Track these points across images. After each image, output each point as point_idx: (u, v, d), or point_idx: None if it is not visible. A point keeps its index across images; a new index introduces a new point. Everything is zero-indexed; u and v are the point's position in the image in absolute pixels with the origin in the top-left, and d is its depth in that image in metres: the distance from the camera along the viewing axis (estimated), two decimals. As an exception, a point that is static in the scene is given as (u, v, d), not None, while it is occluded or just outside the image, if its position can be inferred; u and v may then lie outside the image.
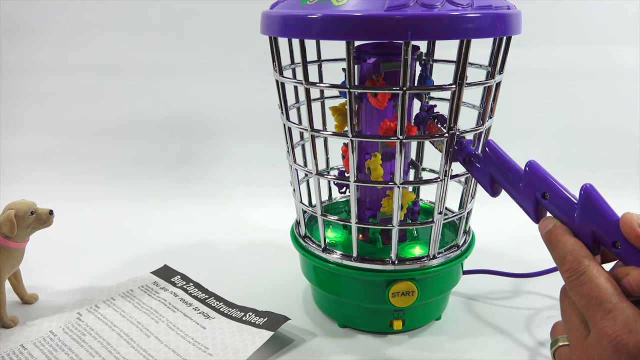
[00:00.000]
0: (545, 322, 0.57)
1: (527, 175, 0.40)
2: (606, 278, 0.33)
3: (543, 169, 0.39)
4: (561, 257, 0.35)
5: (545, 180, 0.38)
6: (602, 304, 0.32)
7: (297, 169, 0.54)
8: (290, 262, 0.63)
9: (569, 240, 0.36)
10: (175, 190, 0.95)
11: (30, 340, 0.53)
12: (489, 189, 0.44)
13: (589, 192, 0.35)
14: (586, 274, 0.33)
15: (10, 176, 0.97)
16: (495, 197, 0.45)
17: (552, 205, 0.38)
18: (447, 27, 0.40)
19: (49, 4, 1.03)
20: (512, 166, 0.42)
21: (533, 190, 0.39)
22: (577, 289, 0.33)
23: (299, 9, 0.44)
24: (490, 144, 0.43)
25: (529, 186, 0.40)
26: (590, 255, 0.34)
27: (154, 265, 0.68)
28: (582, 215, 0.36)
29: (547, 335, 0.54)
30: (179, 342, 0.53)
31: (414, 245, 0.56)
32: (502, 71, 0.49)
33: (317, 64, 0.58)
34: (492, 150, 0.43)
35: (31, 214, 0.55)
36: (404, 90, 0.43)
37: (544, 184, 0.38)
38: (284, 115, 0.52)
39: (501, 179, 0.42)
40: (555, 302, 0.61)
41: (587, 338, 0.33)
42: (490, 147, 0.43)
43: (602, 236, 0.35)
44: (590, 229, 0.35)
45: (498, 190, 0.44)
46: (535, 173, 0.39)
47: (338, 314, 0.57)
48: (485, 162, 0.44)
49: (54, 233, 0.60)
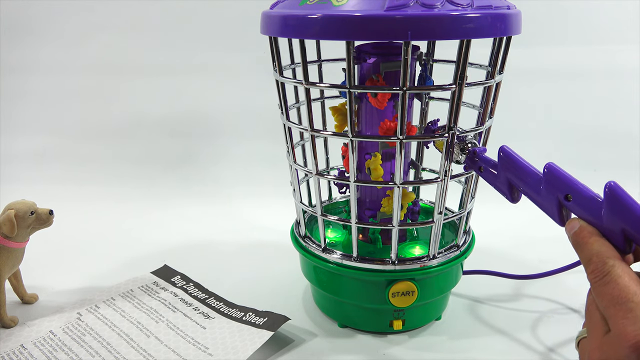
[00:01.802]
0: (545, 322, 0.57)
1: (546, 177, 0.38)
2: (630, 278, 0.32)
3: (562, 170, 0.38)
4: (587, 259, 0.35)
5: (566, 182, 0.37)
6: (623, 304, 0.31)
7: (297, 169, 0.54)
8: (290, 262, 0.63)
9: (596, 242, 0.35)
10: (175, 190, 0.95)
11: (30, 340, 0.53)
12: (508, 195, 0.43)
13: (614, 190, 0.34)
14: (610, 275, 0.33)
15: (10, 176, 0.97)
16: (515, 203, 0.44)
17: (576, 206, 0.37)
18: (447, 27, 0.40)
19: (49, 4, 1.03)
20: (530, 170, 0.41)
21: (555, 193, 0.38)
22: (600, 289, 0.33)
23: (299, 9, 0.44)
24: (505, 150, 0.42)
25: (550, 189, 0.38)
26: (617, 255, 0.34)
27: (154, 265, 0.68)
28: (609, 214, 0.34)
29: (547, 336, 0.55)
30: (179, 342, 0.53)
31: (414, 245, 0.56)
32: (502, 71, 0.49)
33: (317, 64, 0.58)
34: (508, 155, 0.42)
35: (31, 214, 0.55)
36: (404, 90, 0.43)
37: (565, 186, 0.37)
38: (284, 115, 0.52)
39: (520, 184, 0.41)
40: (555, 302, 0.61)
41: (605, 335, 0.32)
42: (506, 153, 0.42)
43: (633, 233, 0.34)
44: (620, 227, 0.34)
45: (518, 196, 0.43)
46: (555, 175, 0.38)
47: (338, 314, 0.57)
48: (502, 168, 0.43)
49: (54, 233, 0.60)
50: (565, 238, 0.38)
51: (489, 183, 0.45)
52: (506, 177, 0.43)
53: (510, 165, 0.42)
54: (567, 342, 0.53)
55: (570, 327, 0.56)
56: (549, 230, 0.75)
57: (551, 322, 0.57)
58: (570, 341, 0.53)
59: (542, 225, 0.76)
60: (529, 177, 0.40)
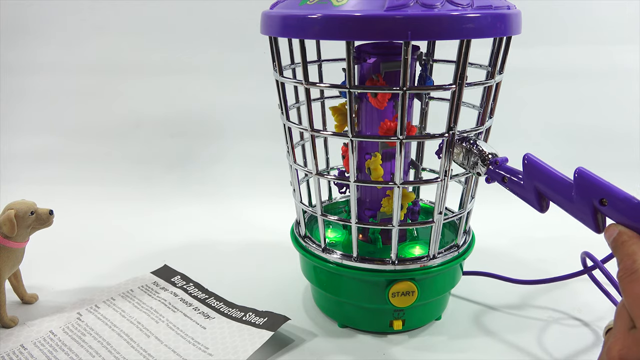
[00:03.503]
0: (545, 323, 0.57)
1: (578, 183, 0.36)
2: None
3: (593, 174, 0.36)
4: (620, 259, 0.34)
5: (600, 186, 0.35)
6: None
7: (297, 169, 0.54)
8: (290, 262, 0.63)
9: (634, 244, 0.34)
10: (175, 190, 0.95)
11: (30, 340, 0.53)
12: (536, 205, 0.41)
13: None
14: (636, 273, 0.32)
15: (10, 176, 0.97)
16: (543, 213, 0.42)
17: (613, 210, 0.35)
18: (447, 27, 0.40)
19: (49, 4, 1.03)
20: (559, 177, 0.38)
21: (589, 199, 0.36)
22: (627, 286, 0.33)
23: (299, 9, 0.44)
24: (530, 158, 0.41)
25: (583, 195, 0.36)
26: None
27: (154, 265, 0.68)
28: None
29: (546, 336, 0.55)
30: (179, 342, 0.53)
31: (414, 245, 0.56)
32: (502, 71, 0.49)
33: (317, 64, 0.58)
34: (534, 164, 0.40)
35: (31, 214, 0.55)
36: (404, 90, 0.43)
37: (599, 190, 0.35)
38: (284, 115, 0.52)
39: (550, 192, 0.39)
40: (555, 303, 0.61)
41: (629, 330, 0.32)
42: (531, 161, 0.40)
43: None
44: None
45: (547, 205, 0.41)
46: (587, 180, 0.36)
47: (338, 314, 0.57)
48: (528, 177, 0.41)
49: (54, 233, 0.60)
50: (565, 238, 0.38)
51: (515, 194, 0.43)
52: (533, 186, 0.40)
53: (537, 173, 0.40)
54: (567, 343, 0.53)
55: (570, 329, 0.56)
56: (549, 230, 0.76)
57: (551, 323, 0.57)
58: (568, 344, 0.53)
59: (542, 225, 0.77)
60: (558, 184, 0.38)
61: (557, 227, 0.72)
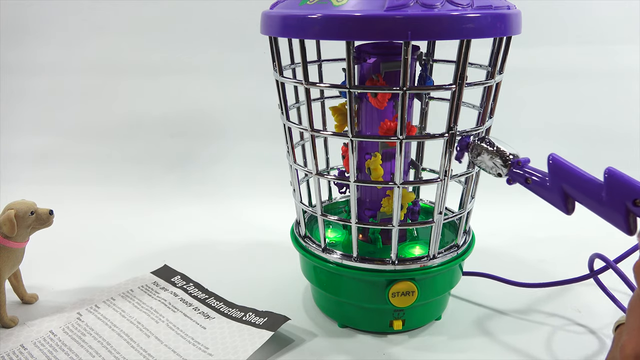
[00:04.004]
0: (545, 323, 0.57)
1: (608, 183, 0.35)
2: None
3: (624, 174, 0.34)
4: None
5: (633, 186, 0.33)
6: None
7: (297, 169, 0.54)
8: (290, 262, 0.63)
9: None
10: (175, 190, 0.95)
11: (30, 340, 0.53)
12: (562, 207, 0.40)
13: None
14: None
15: (10, 176, 0.97)
16: (570, 214, 0.40)
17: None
18: (447, 27, 0.40)
19: (49, 4, 1.03)
20: (587, 177, 0.37)
21: (621, 199, 0.34)
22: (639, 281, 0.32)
23: (299, 9, 0.44)
24: (555, 158, 0.39)
25: (615, 196, 0.35)
26: None
27: (154, 265, 0.68)
28: None
29: (546, 336, 0.55)
30: (179, 342, 0.53)
31: (414, 245, 0.56)
32: (502, 71, 0.49)
33: (317, 64, 0.58)
34: (560, 164, 0.39)
35: (31, 214, 0.55)
36: (404, 90, 0.43)
37: (632, 190, 0.33)
38: (284, 115, 0.52)
39: (577, 193, 0.38)
40: (554, 303, 0.61)
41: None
42: (557, 162, 0.39)
43: None
44: None
45: (573, 207, 0.40)
46: (618, 179, 0.34)
47: (338, 314, 0.57)
48: (553, 178, 0.39)
49: (54, 233, 0.60)
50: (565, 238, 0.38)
51: (539, 195, 0.42)
52: (560, 187, 0.39)
53: (563, 173, 0.39)
54: (567, 343, 0.53)
55: (570, 329, 0.56)
56: (549, 230, 0.76)
57: (551, 324, 0.57)
58: (568, 344, 0.53)
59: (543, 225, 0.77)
60: (587, 185, 0.37)
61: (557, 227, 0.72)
